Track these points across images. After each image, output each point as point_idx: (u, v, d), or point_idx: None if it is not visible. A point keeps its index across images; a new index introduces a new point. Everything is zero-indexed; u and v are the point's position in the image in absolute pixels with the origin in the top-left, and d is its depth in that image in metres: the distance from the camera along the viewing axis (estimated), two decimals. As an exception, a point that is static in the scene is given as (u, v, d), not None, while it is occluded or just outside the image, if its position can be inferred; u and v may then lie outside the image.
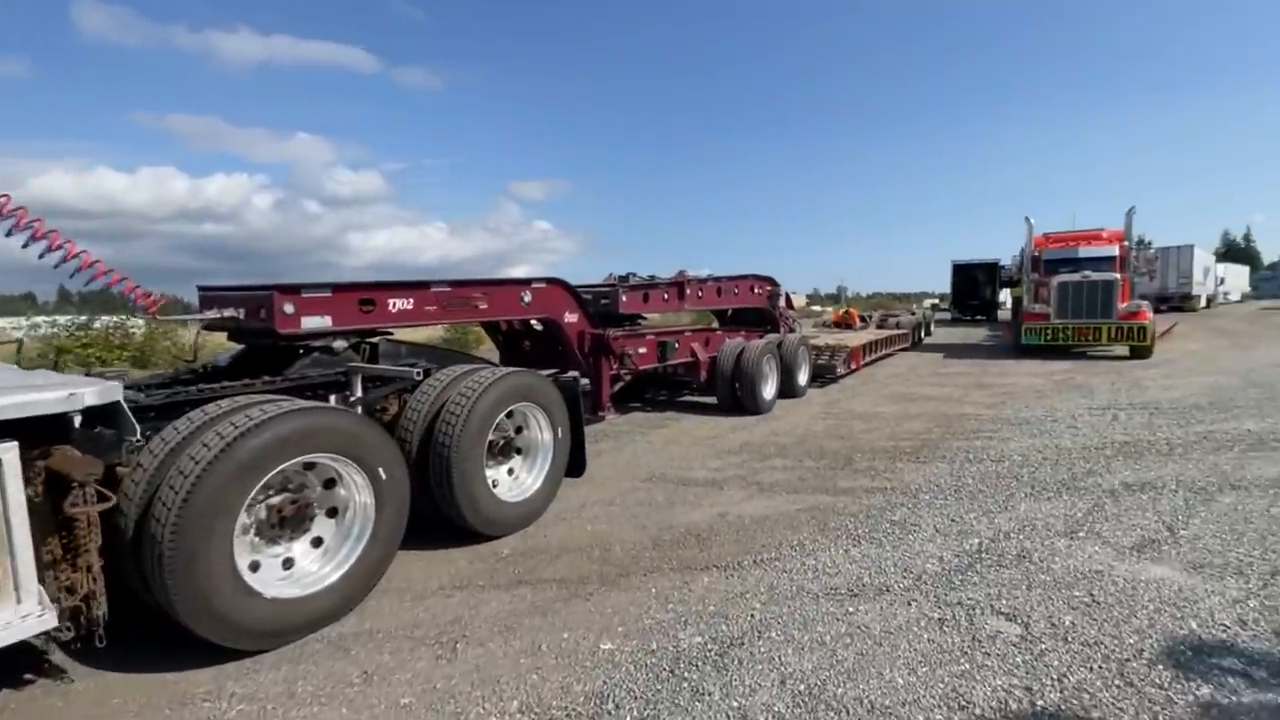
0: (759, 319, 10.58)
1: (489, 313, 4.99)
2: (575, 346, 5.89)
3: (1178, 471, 5.03)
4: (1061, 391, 9.28)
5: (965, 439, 6.48)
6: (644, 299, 7.05)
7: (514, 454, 4.42)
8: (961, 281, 32.83)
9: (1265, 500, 4.34)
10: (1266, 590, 3.11)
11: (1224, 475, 4.90)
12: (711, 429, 7.28)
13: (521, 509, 4.28)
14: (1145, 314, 12.84)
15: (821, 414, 8.11)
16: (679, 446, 6.49)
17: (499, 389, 4.03)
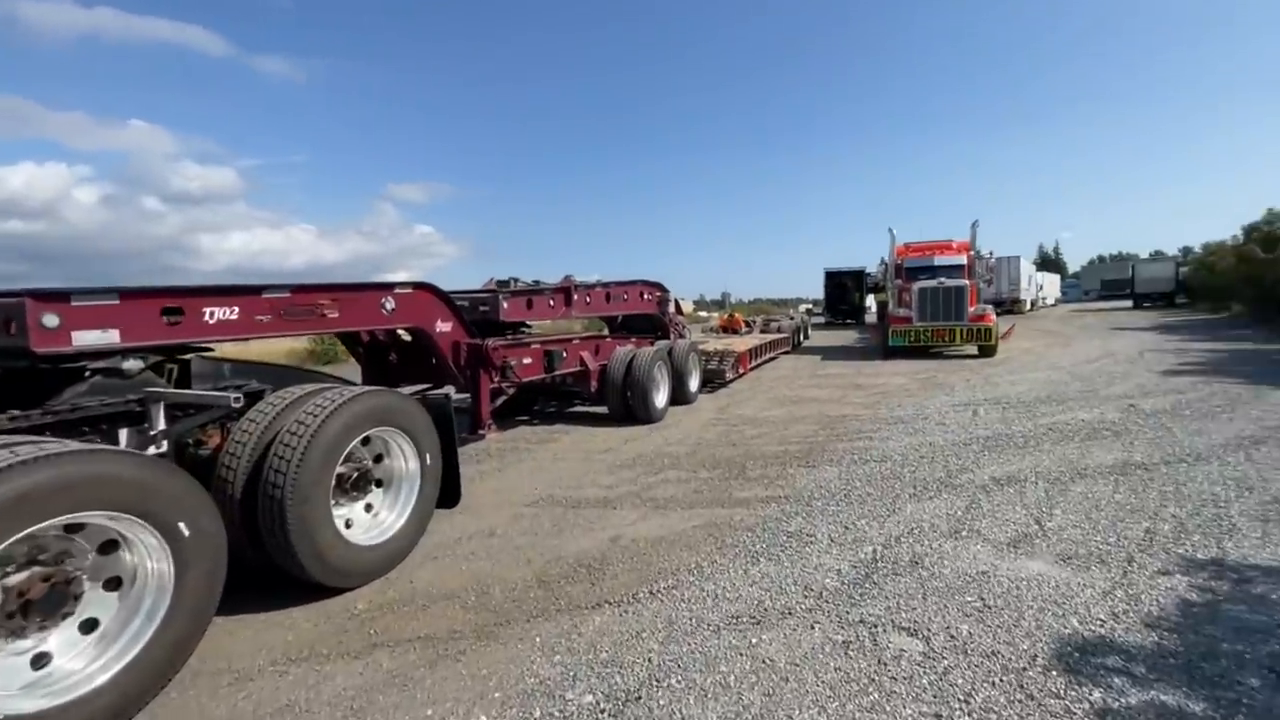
0: (649, 325, 10.42)
1: (342, 322, 4.29)
2: (450, 359, 5.29)
3: (1034, 464, 5.40)
4: (927, 390, 9.95)
5: (849, 440, 6.63)
6: (527, 306, 6.56)
7: (372, 487, 3.78)
8: (833, 287, 35.21)
9: (1109, 487, 4.72)
10: (1127, 579, 3.27)
11: (1072, 465, 5.32)
12: (603, 441, 6.93)
13: (382, 551, 3.65)
14: (990, 317, 14.27)
15: (713, 420, 8.05)
16: (568, 463, 6.07)
17: (349, 413, 3.40)
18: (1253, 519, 3.98)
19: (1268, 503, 4.24)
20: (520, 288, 6.74)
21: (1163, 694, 2.35)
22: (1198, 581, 3.20)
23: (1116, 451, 5.69)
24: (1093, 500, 4.44)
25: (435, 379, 5.86)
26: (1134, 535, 3.81)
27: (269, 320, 3.80)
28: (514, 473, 5.79)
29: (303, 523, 3.10)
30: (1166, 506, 4.26)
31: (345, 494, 3.60)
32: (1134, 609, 2.96)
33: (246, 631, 3.09)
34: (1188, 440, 5.96)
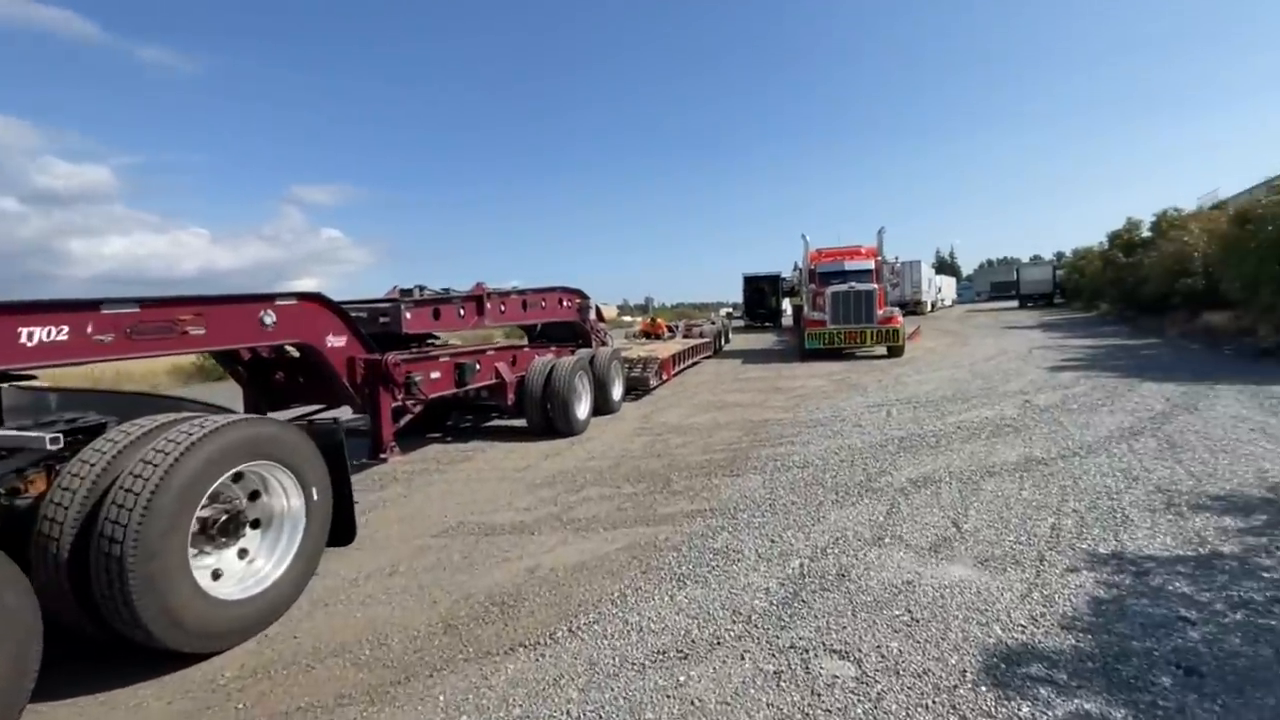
0: (570, 334, 10.12)
1: (210, 340, 3.74)
2: (344, 377, 4.79)
3: (947, 464, 5.56)
4: (843, 391, 10.23)
5: (772, 445, 6.63)
6: (434, 316, 6.10)
7: (246, 530, 3.28)
8: (751, 292, 36.18)
9: (1015, 484, 4.90)
10: (1040, 579, 3.33)
11: (981, 463, 5.52)
12: (521, 458, 6.57)
13: (259, 604, 3.17)
14: (897, 319, 14.99)
15: (637, 430, 7.86)
16: (483, 484, 5.67)
17: (212, 447, 2.91)
18: (1142, 509, 4.21)
19: (1152, 492, 4.53)
20: (426, 296, 6.26)
21: (1086, 702, 2.34)
22: (1103, 577, 3.30)
23: (1019, 447, 5.97)
24: (1003, 499, 4.58)
25: (330, 399, 5.33)
26: (1042, 533, 3.93)
27: (112, 340, 3.23)
28: (422, 498, 5.33)
29: (150, 582, 2.60)
30: (1068, 501, 4.45)
31: (211, 540, 3.10)
32: (1050, 611, 3.00)
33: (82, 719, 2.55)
34: (1078, 434, 6.37)
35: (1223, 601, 3.00)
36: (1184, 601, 3.01)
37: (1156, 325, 18.10)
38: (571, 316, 9.57)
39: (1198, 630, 2.77)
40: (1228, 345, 12.84)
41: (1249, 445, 5.56)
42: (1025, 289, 41.42)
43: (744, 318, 37.56)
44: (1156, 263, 19.07)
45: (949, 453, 5.92)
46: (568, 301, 9.31)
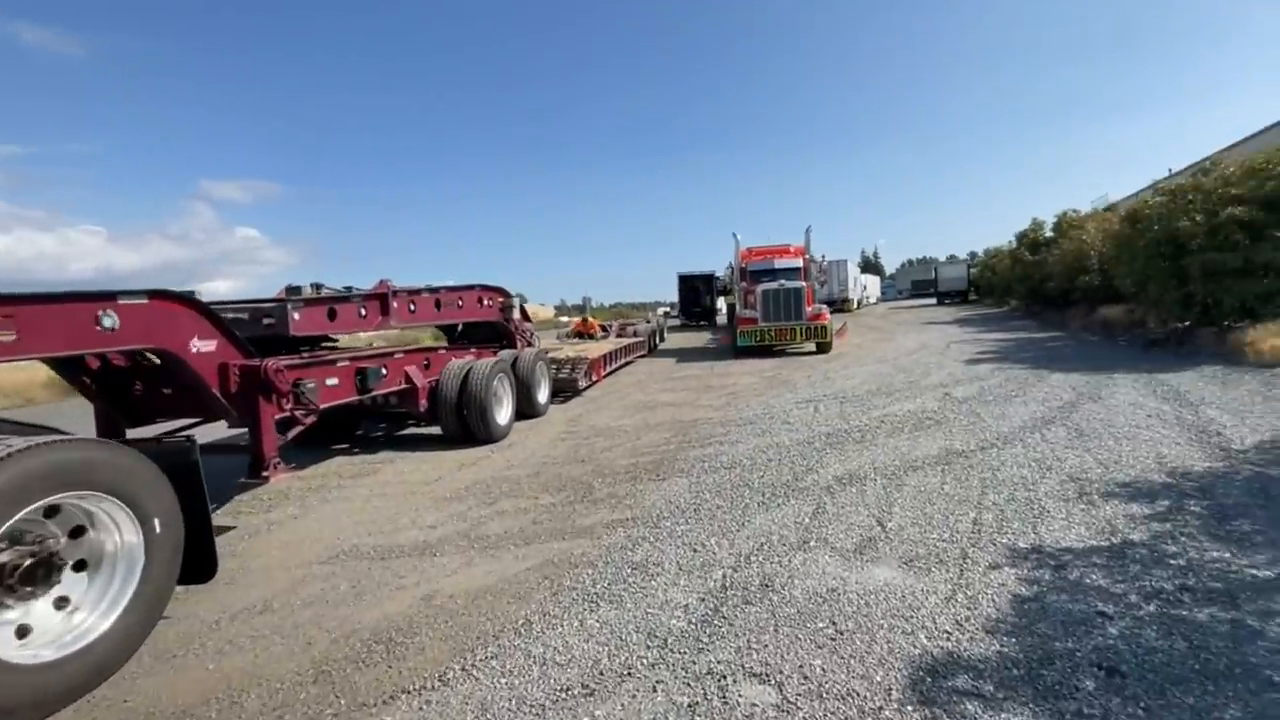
0: (493, 334, 9.64)
1: (22, 347, 3.11)
2: (215, 386, 4.20)
3: (872, 459, 5.51)
4: (773, 388, 10.23)
5: (700, 446, 6.43)
6: (330, 316, 5.53)
7: (65, 573, 2.72)
8: (686, 291, 36.40)
9: (937, 478, 4.88)
10: (964, 579, 3.23)
11: (904, 457, 5.50)
12: (434, 469, 6.08)
13: (81, 663, 2.62)
14: (826, 316, 15.26)
15: (563, 434, 7.50)
16: (387, 500, 5.17)
17: (5, 479, 2.36)
18: (1056, 500, 4.25)
19: (1065, 482, 4.59)
20: (321, 294, 5.66)
21: (1013, 716, 2.19)
22: (1024, 573, 3.24)
23: (940, 440, 6.02)
24: (925, 494, 4.53)
25: (203, 413, 4.71)
26: (964, 528, 3.87)
27: (-124, 347, 2.59)
28: (315, 519, 4.78)
29: (-96, 654, 2.05)
30: (987, 494, 4.44)
31: (12, 592, 2.53)
32: (974, 613, 2.88)
33: None
34: (994, 425, 6.50)
35: (1136, 593, 2.97)
36: (1101, 595, 2.97)
37: (1060, 319, 19.31)
38: (493, 316, 9.09)
39: (1116, 626, 2.71)
40: (1122, 337, 13.78)
41: (1147, 431, 5.80)
42: (943, 286, 43.68)
43: (680, 316, 37.78)
44: (1058, 260, 20.36)
45: (874, 448, 5.89)
46: (488, 300, 8.83)
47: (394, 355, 6.40)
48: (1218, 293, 10.07)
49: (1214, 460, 4.82)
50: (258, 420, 4.35)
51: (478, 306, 8.49)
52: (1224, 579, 3.04)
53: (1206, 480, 4.40)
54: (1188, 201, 11.22)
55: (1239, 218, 9.81)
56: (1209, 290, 10.17)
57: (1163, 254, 11.28)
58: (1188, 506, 3.96)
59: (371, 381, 5.81)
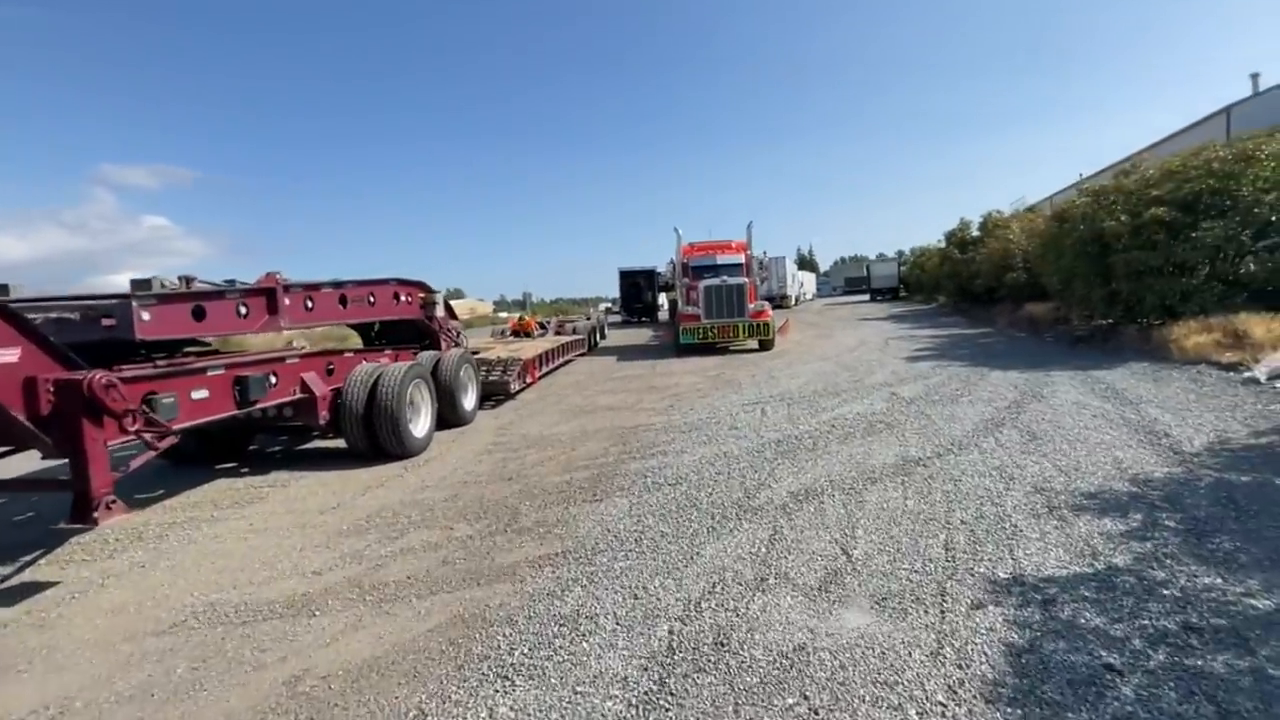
0: (415, 334, 8.74)
1: None
2: (21, 407, 3.26)
3: (827, 470, 5.08)
4: (718, 389, 9.79)
5: (642, 457, 5.85)
6: (196, 315, 4.58)
7: None
8: (627, 286, 35.83)
9: (899, 492, 4.49)
10: (946, 623, 2.78)
11: (860, 468, 5.10)
12: (334, 493, 5.24)
13: None
14: (768, 313, 15.03)
15: (490, 445, 6.75)
16: (268, 536, 4.32)
17: None
18: (1026, 515, 3.91)
19: (1030, 494, 4.28)
20: (182, 290, 4.69)
21: (1041, 835, 1.71)
22: (1012, 614, 2.81)
23: (894, 446, 5.68)
24: (889, 512, 4.11)
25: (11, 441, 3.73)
26: (936, 555, 3.45)
27: None
28: (168, 567, 3.88)
29: None
30: (954, 511, 4.06)
31: None
32: (968, 674, 2.41)
33: None
34: (946, 427, 6.24)
35: (1139, 636, 2.59)
36: (1102, 641, 2.57)
37: (987, 316, 19.94)
38: (413, 314, 8.20)
39: (1129, 685, 2.30)
40: (1048, 333, 14.20)
41: (1097, 433, 5.64)
42: (875, 284, 45.04)
43: (621, 312, 37.21)
44: (986, 259, 21.04)
45: (827, 456, 5.48)
46: (406, 296, 7.93)
47: (286, 360, 5.48)
48: (1140, 291, 10.36)
49: (1171, 465, 4.64)
50: (81, 449, 3.42)
51: (393, 303, 7.59)
52: (1225, 613, 2.71)
53: (1170, 489, 4.18)
54: (1111, 202, 11.55)
55: (1160, 218, 10.10)
56: (1132, 288, 10.45)
57: (1088, 252, 11.57)
58: (1161, 521, 3.69)
59: (255, 392, 4.90)
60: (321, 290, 6.04)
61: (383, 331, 8.96)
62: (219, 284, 5.31)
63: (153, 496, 5.34)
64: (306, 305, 5.79)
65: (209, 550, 4.11)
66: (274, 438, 7.33)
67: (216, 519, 4.69)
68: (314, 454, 6.69)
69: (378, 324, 8.82)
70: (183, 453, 6.16)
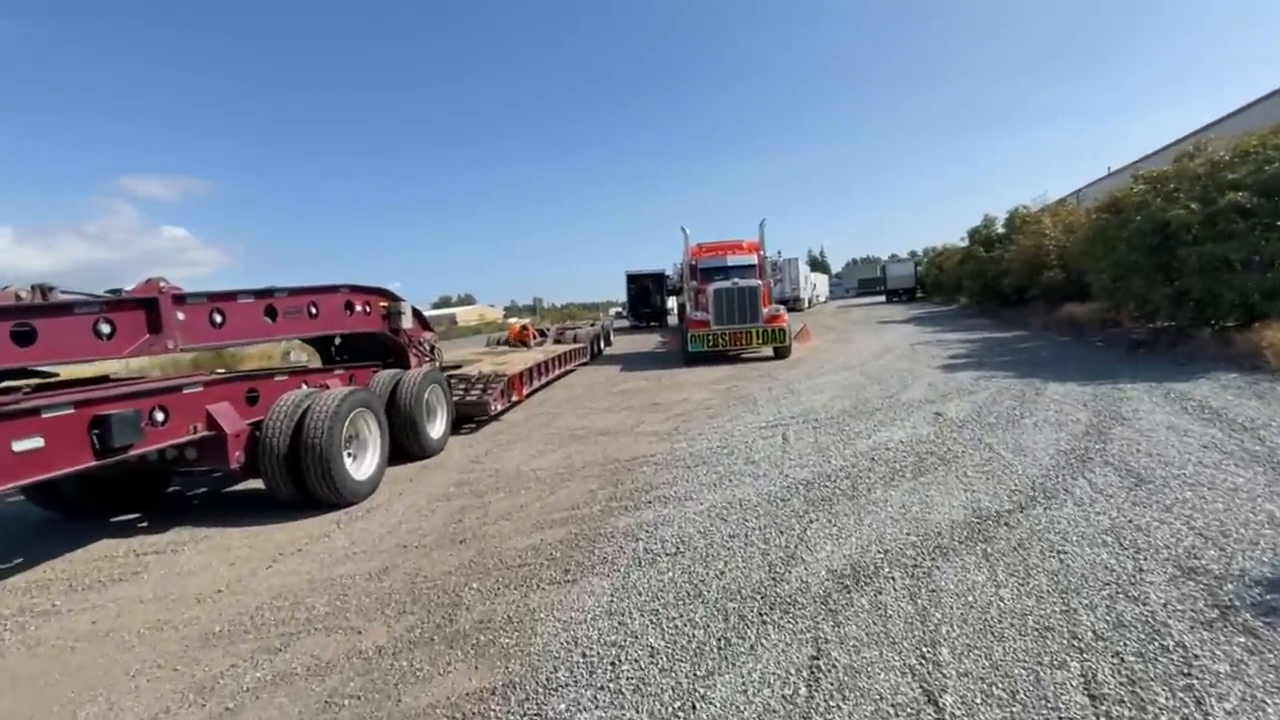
0: (379, 349, 7.60)
1: None
2: None
3: (878, 533, 3.83)
4: (730, 406, 8.55)
5: (635, 508, 4.63)
6: (19, 339, 3.42)
7: None
8: (635, 290, 34.69)
9: (983, 574, 3.22)
10: None
11: (921, 527, 3.85)
12: (232, 564, 4.06)
13: None
14: (783, 317, 13.76)
15: (452, 486, 5.56)
16: (105, 646, 3.13)
17: None
18: (1190, 621, 2.64)
19: (1179, 579, 3.01)
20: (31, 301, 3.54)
21: None
22: None
23: (958, 491, 4.42)
24: (979, 613, 2.85)
25: None
26: (1078, 704, 2.20)
27: None
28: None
29: None
30: (1075, 611, 2.80)
31: None
32: None
33: None
34: (1016, 462, 4.97)
35: None
36: None
37: (1018, 318, 18.49)
38: (374, 326, 7.05)
39: None
40: (1095, 337, 12.80)
41: (1222, 474, 4.34)
42: (891, 285, 43.47)
43: (629, 317, 36.06)
44: (1016, 256, 19.60)
45: (874, 508, 4.23)
46: (364, 305, 6.77)
47: (183, 389, 4.32)
48: (1215, 288, 8.97)
49: (1361, 529, 3.35)
50: None
51: (344, 315, 6.42)
52: None
53: (1390, 573, 2.89)
54: (1173, 189, 10.19)
55: (1240, 204, 8.74)
56: (1206, 286, 9.06)
57: (1148, 245, 10.20)
58: None
59: (125, 436, 3.74)
60: (237, 301, 4.89)
61: (345, 347, 7.83)
62: (95, 295, 4.17)
63: (1, 569, 4.20)
64: (214, 320, 4.64)
65: (18, 675, 2.93)
66: (199, 480, 6.19)
67: (55, 611, 3.52)
68: (241, 499, 5.54)
69: (338, 339, 7.71)
70: (78, 498, 5.05)
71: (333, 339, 7.70)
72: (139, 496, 5.36)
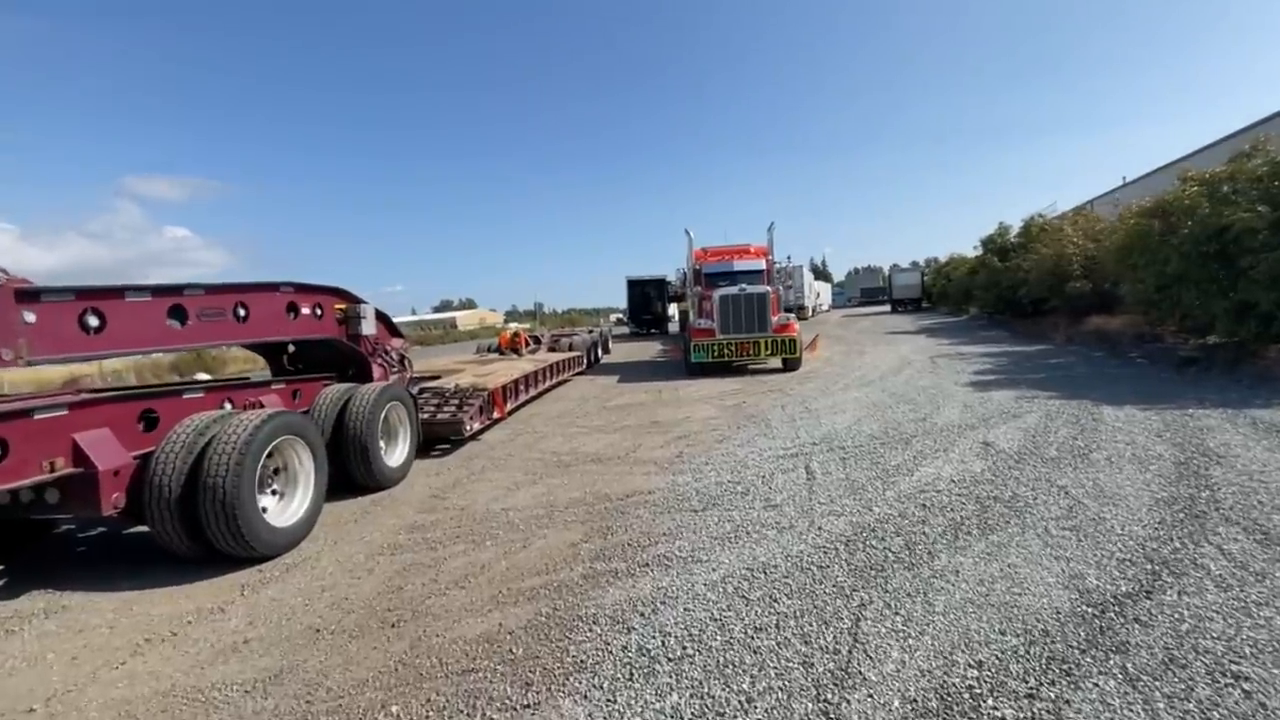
0: (340, 358, 6.57)
1: None
2: None
3: (962, 632, 2.77)
4: (740, 427, 7.51)
5: (628, 576, 3.57)
6: None
7: None
8: (636, 296, 33.68)
9: (1139, 710, 2.18)
10: None
11: (1016, 621, 2.79)
12: (73, 657, 3.00)
13: None
14: (794, 326, 12.74)
15: (403, 533, 4.51)
16: None
17: None
18: None
19: None
20: None
21: None
22: None
23: (1049, 562, 3.37)
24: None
25: None
26: None
27: None
28: None
29: None
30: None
31: None
32: None
33: None
34: (1107, 515, 3.93)
35: None
36: None
37: (1038, 330, 17.48)
38: (327, 332, 6.02)
39: None
40: (1134, 352, 11.76)
41: (1395, 541, 3.31)
42: (897, 294, 42.44)
43: (629, 324, 35.05)
44: (1035, 266, 18.58)
45: (942, 584, 3.18)
46: (312, 308, 5.74)
47: (33, 414, 3.28)
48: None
49: None
50: None
51: (286, 319, 5.39)
52: None
53: None
54: (1230, 191, 9.20)
55: (1318, 206, 7.74)
56: (1277, 298, 8.04)
57: (1202, 253, 9.20)
58: None
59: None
60: (125, 299, 3.84)
61: (300, 356, 6.79)
62: None
63: None
64: (86, 324, 3.60)
65: None
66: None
67: None
68: (142, 545, 4.47)
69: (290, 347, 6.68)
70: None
71: (284, 348, 6.67)
72: (11, 543, 4.30)
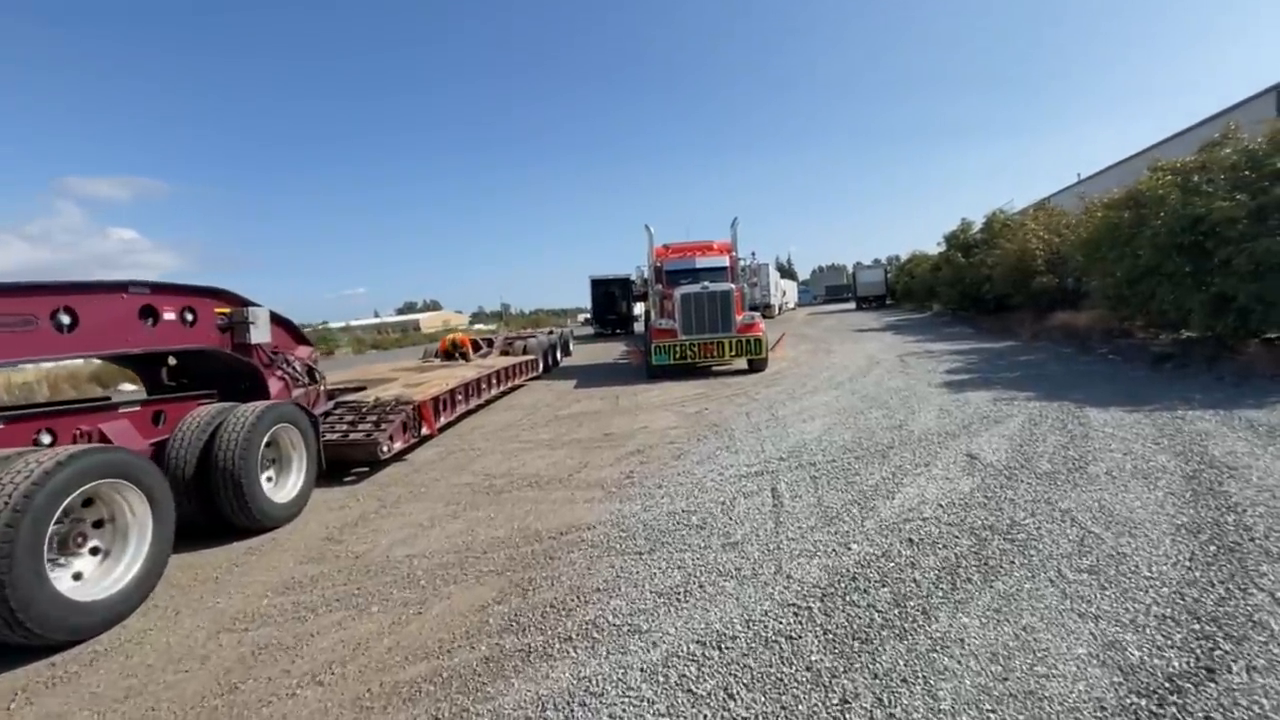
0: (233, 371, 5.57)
1: None
2: None
3: (980, 744, 2.04)
4: (700, 439, 6.75)
5: (542, 659, 2.74)
6: None
7: None
8: (600, 296, 32.81)
9: None
10: None
11: None
12: None
13: None
14: (759, 325, 12.10)
15: (269, 596, 3.58)
16: None
17: None
18: None
19: None
20: None
21: None
22: None
23: (1072, 622, 2.67)
24: None
25: None
26: None
27: None
28: None
29: None
30: None
31: None
32: None
33: None
34: (1131, 553, 3.28)
35: None
36: None
37: (1003, 326, 17.26)
38: (203, 341, 5.02)
39: None
40: (1103, 348, 11.45)
41: None
42: (862, 291, 42.56)
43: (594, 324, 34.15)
44: (999, 261, 18.40)
45: (946, 662, 2.44)
46: (180, 312, 4.74)
47: None
48: (1270, 293, 7.58)
49: None
50: None
51: (141, 326, 4.38)
52: None
53: None
54: (1205, 181, 8.86)
55: (1297, 194, 7.38)
56: (1258, 290, 7.66)
57: (1178, 245, 8.84)
58: None
59: None
60: None
61: (182, 371, 5.76)
62: None
63: None
64: None
65: None
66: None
67: None
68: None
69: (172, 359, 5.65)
70: None
71: (164, 360, 5.64)
72: None
